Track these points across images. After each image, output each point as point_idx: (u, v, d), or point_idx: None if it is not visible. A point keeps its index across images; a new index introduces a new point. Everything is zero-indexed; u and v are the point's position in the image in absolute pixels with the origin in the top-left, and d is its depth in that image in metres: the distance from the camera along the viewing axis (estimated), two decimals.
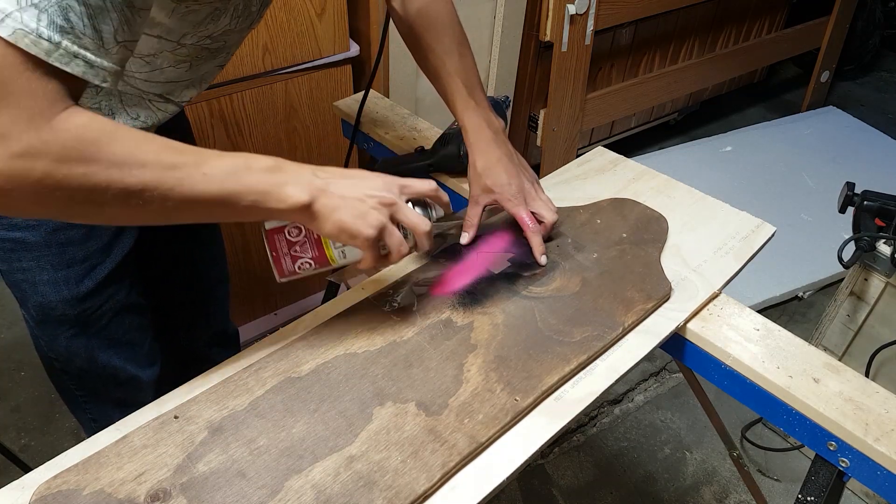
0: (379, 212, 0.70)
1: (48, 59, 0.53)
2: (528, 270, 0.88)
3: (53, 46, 0.53)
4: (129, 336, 1.00)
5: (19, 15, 0.51)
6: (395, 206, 0.71)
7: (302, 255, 0.76)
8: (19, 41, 0.51)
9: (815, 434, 0.77)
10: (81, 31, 0.54)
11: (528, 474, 1.62)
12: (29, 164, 0.54)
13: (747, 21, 2.69)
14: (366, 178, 0.71)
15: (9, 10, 0.51)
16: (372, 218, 0.69)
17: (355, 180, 0.70)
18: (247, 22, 0.82)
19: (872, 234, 1.36)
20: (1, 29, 0.51)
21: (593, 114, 2.28)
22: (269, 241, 0.76)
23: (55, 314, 0.92)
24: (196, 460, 0.64)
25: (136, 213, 0.61)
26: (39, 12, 0.52)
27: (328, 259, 0.77)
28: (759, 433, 1.74)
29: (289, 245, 0.75)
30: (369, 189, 0.70)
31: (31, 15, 0.51)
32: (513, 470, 0.67)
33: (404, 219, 0.72)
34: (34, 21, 0.51)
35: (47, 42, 0.52)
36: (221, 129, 1.52)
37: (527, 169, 0.95)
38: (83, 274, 0.91)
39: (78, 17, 0.53)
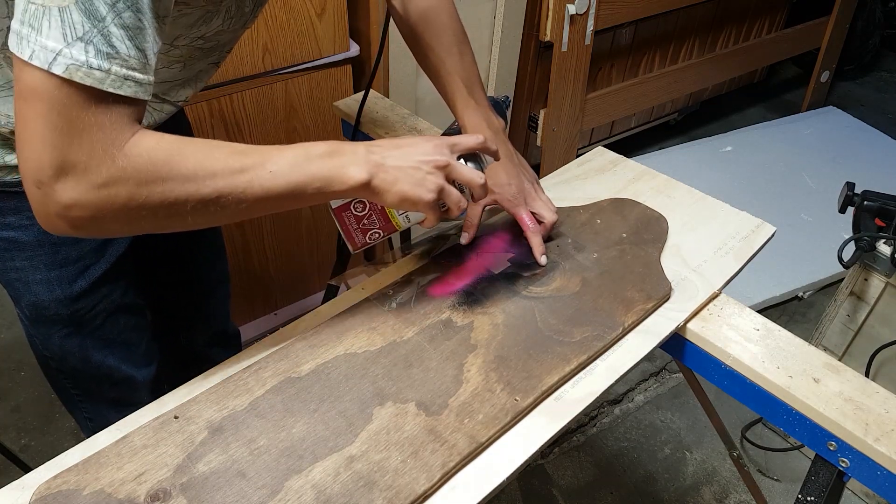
0: (435, 175, 0.73)
1: (102, 86, 0.56)
2: (528, 270, 0.89)
3: (105, 74, 0.56)
4: (124, 336, 1.00)
5: (69, 51, 0.54)
6: (448, 167, 0.74)
7: (370, 227, 0.82)
8: (73, 75, 0.54)
9: (815, 434, 0.77)
10: (126, 54, 0.57)
11: (528, 474, 1.62)
12: (113, 191, 0.59)
13: (747, 21, 2.69)
14: (417, 145, 0.74)
15: (58, 48, 0.54)
16: (429, 183, 0.72)
17: (407, 149, 0.73)
18: (240, 22, 0.82)
19: (872, 234, 1.36)
20: (55, 67, 0.54)
21: (593, 114, 2.28)
22: (339, 219, 0.82)
23: (48, 314, 0.92)
24: (196, 460, 0.65)
25: (217, 217, 0.66)
26: (86, 44, 0.54)
27: (395, 226, 0.83)
28: (759, 433, 1.74)
29: (357, 220, 0.82)
30: (422, 155, 0.73)
31: (78, 49, 0.54)
32: (513, 470, 0.67)
33: (459, 176, 0.75)
34: (83, 54, 0.54)
35: (98, 71, 0.55)
36: (221, 129, 1.52)
37: (527, 169, 0.95)
38: (76, 274, 0.91)
39: (120, 41, 0.56)
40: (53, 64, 0.54)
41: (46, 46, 0.54)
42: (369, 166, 0.70)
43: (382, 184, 0.71)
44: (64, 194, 0.58)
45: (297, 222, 1.79)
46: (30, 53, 0.54)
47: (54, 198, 0.58)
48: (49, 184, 0.57)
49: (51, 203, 0.58)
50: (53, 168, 0.57)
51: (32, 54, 0.54)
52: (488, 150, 0.80)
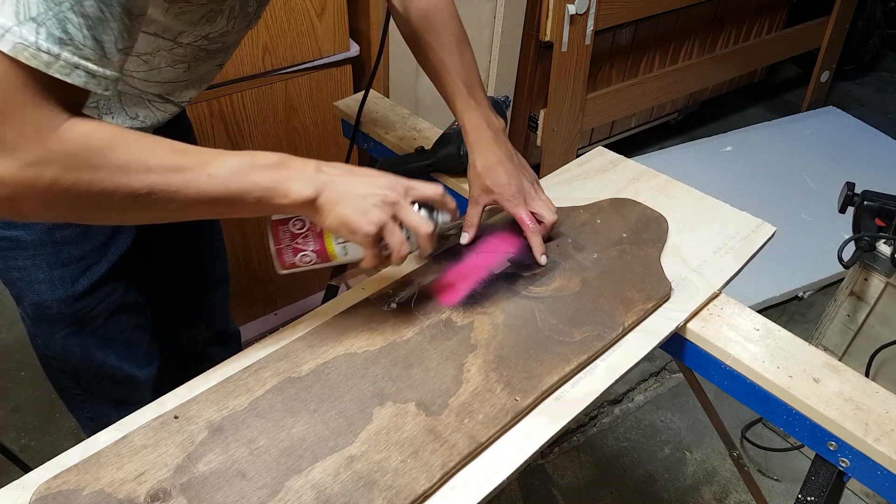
0: (381, 209, 0.70)
1: (48, 70, 0.54)
2: (528, 270, 0.88)
3: (53, 58, 0.54)
4: (125, 335, 1.00)
5: (18, 30, 0.52)
6: (397, 206, 0.72)
7: (304, 248, 0.77)
8: (19, 55, 0.53)
9: (815, 434, 0.77)
10: (81, 43, 0.55)
11: (528, 474, 1.62)
12: (37, 172, 0.56)
13: (747, 21, 2.69)
14: (371, 176, 0.72)
15: (8, 25, 0.52)
16: (373, 215, 0.70)
17: (361, 177, 0.71)
18: (244, 23, 0.82)
19: (872, 234, 1.36)
20: (1, 44, 0.52)
21: (593, 114, 2.28)
22: (273, 232, 0.77)
23: (50, 313, 0.92)
24: (196, 460, 0.64)
25: (142, 215, 0.63)
26: (38, 26, 0.53)
27: (329, 254, 0.77)
28: (759, 433, 1.74)
29: (292, 237, 0.77)
30: (374, 187, 0.71)
31: (29, 29, 0.53)
32: (513, 470, 0.67)
33: (406, 219, 0.72)
34: (33, 35, 0.53)
35: (46, 54, 0.53)
36: (221, 129, 1.52)
37: (527, 169, 0.95)
38: (79, 273, 0.91)
39: (76, 28, 0.54)
40: (1, 40, 0.52)
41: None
42: (316, 183, 0.68)
43: (326, 203, 0.69)
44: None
45: None
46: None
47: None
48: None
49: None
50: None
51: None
52: (445, 205, 0.78)
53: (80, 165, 0.57)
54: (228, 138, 1.54)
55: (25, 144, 0.55)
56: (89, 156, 0.58)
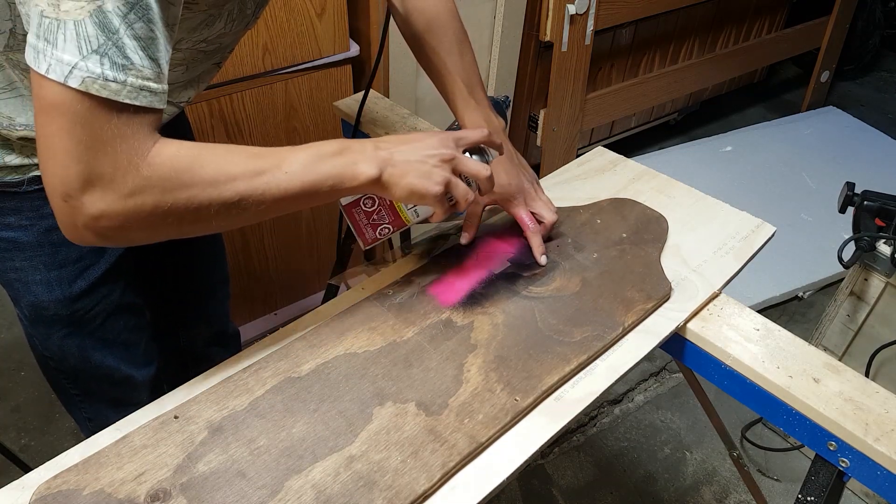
0: (441, 169, 0.74)
1: (118, 98, 0.56)
2: (528, 270, 0.88)
3: (121, 86, 0.56)
4: (123, 336, 1.00)
5: (84, 64, 0.55)
6: (454, 160, 0.76)
7: (380, 223, 0.84)
8: (89, 88, 0.55)
9: (815, 434, 0.77)
10: (141, 65, 0.57)
11: (528, 474, 1.62)
12: (139, 200, 0.60)
13: (747, 21, 2.69)
14: (423, 139, 0.76)
15: (74, 61, 0.54)
16: (436, 176, 0.74)
17: (414, 144, 0.75)
18: (242, 24, 0.82)
19: (872, 234, 1.36)
20: (70, 80, 0.55)
21: (593, 114, 2.28)
22: (349, 215, 0.84)
23: (48, 314, 0.92)
24: (196, 460, 0.65)
25: (238, 219, 0.67)
26: (101, 57, 0.55)
27: (404, 220, 0.84)
28: (759, 433, 1.74)
29: (367, 216, 0.83)
30: (428, 149, 0.74)
31: (94, 61, 0.55)
32: (513, 470, 0.67)
33: (465, 169, 0.77)
34: (98, 66, 0.55)
35: (114, 83, 0.56)
36: (221, 129, 1.52)
37: (527, 169, 0.95)
38: (76, 274, 0.91)
39: (134, 51, 0.57)
40: (69, 77, 0.54)
41: (62, 60, 0.54)
42: (378, 162, 0.72)
43: (391, 178, 0.73)
44: (92, 206, 0.59)
45: (297, 222, 1.79)
46: (46, 67, 0.55)
47: (82, 210, 0.59)
48: (76, 196, 0.58)
49: (79, 215, 0.59)
50: (80, 181, 0.58)
51: (49, 68, 0.55)
52: (493, 143, 0.81)
53: (174, 187, 0.61)
54: (228, 138, 1.54)
55: (122, 176, 0.58)
56: (180, 175, 0.61)
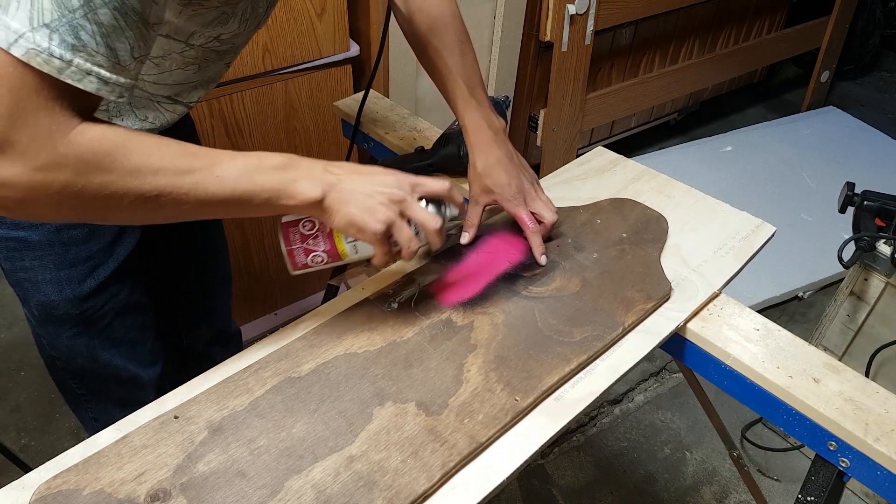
0: (388, 207, 0.71)
1: (60, 76, 0.54)
2: (528, 270, 0.88)
3: (65, 64, 0.54)
4: (130, 335, 1.00)
5: (31, 35, 0.53)
6: (404, 203, 0.72)
7: (315, 249, 0.79)
8: (31, 60, 0.53)
9: (815, 434, 0.77)
10: (94, 49, 0.55)
11: (528, 474, 1.62)
12: (49, 176, 0.57)
13: (747, 21, 2.69)
14: (378, 174, 0.73)
15: (21, 30, 0.53)
16: (380, 213, 0.70)
17: (367, 176, 0.72)
18: (254, 23, 0.82)
19: (872, 234, 1.36)
20: (14, 49, 0.53)
21: (593, 114, 2.28)
22: (284, 234, 0.78)
23: (57, 313, 0.92)
24: (196, 460, 0.65)
25: (152, 215, 0.64)
26: (51, 32, 0.53)
27: (339, 253, 0.79)
28: (759, 433, 1.74)
29: (302, 238, 0.78)
30: (381, 185, 0.71)
31: (42, 35, 0.53)
32: (513, 470, 0.67)
33: (414, 216, 0.73)
34: (46, 41, 0.53)
35: (59, 60, 0.54)
36: (221, 129, 1.52)
37: (527, 169, 0.95)
38: (86, 273, 0.91)
39: (90, 35, 0.55)
40: (14, 45, 0.53)
41: (9, 27, 0.52)
42: (323, 184, 0.69)
43: (333, 203, 0.70)
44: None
45: None
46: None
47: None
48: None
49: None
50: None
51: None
52: (453, 199, 0.78)
53: (90, 169, 0.58)
54: (228, 138, 1.54)
55: (37, 149, 0.56)
56: (99, 160, 0.58)
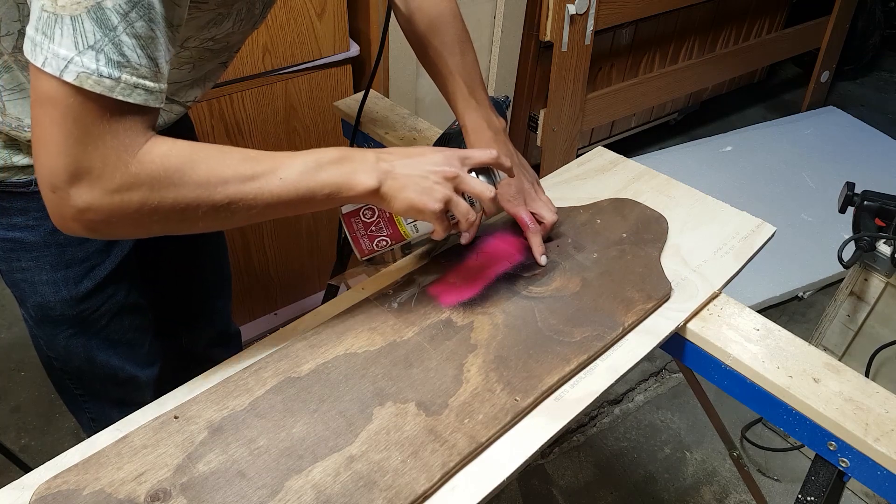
0: (443, 186, 0.73)
1: (112, 94, 0.56)
2: (528, 270, 0.88)
3: (114, 82, 0.57)
4: (128, 336, 1.00)
5: (80, 59, 0.55)
6: (458, 179, 0.75)
7: (378, 234, 0.82)
8: (84, 83, 0.55)
9: (815, 434, 0.77)
10: (137, 63, 0.58)
11: (528, 474, 1.62)
12: (126, 196, 0.60)
13: (747, 21, 2.69)
14: (427, 154, 0.75)
15: (69, 56, 0.55)
16: (437, 192, 0.73)
17: (418, 158, 0.74)
18: (250, 24, 0.82)
19: (872, 234, 1.36)
20: (66, 75, 0.55)
21: (593, 114, 2.28)
22: (347, 224, 0.82)
23: (54, 314, 0.92)
24: (196, 460, 0.65)
25: (227, 221, 0.67)
26: (97, 53, 0.55)
27: (402, 234, 0.82)
28: (759, 433, 1.74)
29: (365, 226, 0.82)
30: (432, 165, 0.74)
31: (89, 57, 0.55)
32: (513, 470, 0.67)
33: (468, 188, 0.76)
34: (93, 62, 0.55)
35: (108, 79, 0.56)
36: (221, 129, 1.52)
37: (527, 169, 0.95)
38: (82, 274, 0.91)
39: (131, 50, 0.57)
40: (65, 71, 0.55)
41: (58, 54, 0.55)
42: (378, 173, 0.72)
43: (390, 190, 0.72)
44: (79, 199, 0.59)
45: (297, 223, 1.79)
46: (42, 60, 0.55)
47: (69, 202, 0.59)
48: (64, 188, 0.58)
49: (66, 207, 0.60)
50: (68, 173, 0.58)
51: (45, 61, 0.55)
52: (501, 165, 0.80)
53: (162, 185, 0.61)
54: (228, 138, 1.54)
55: (110, 172, 0.59)
56: (169, 175, 0.61)
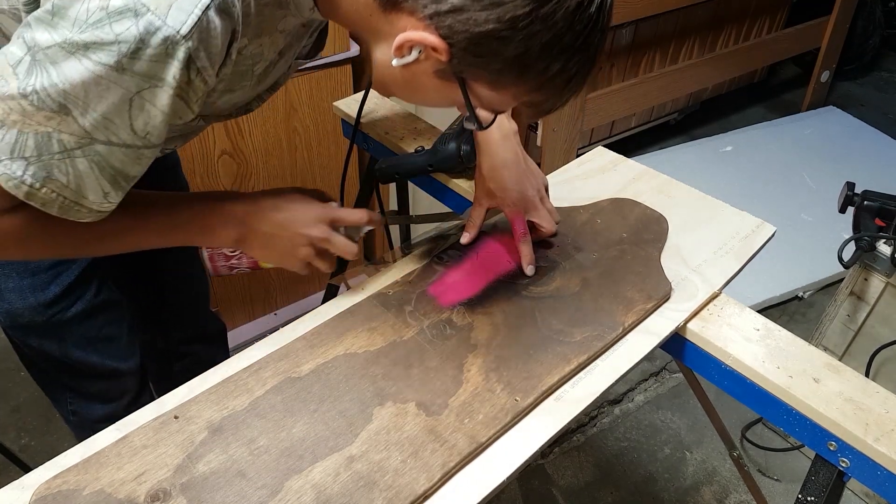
0: (307, 248, 0.78)
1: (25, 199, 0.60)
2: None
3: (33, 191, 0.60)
4: (104, 332, 1.00)
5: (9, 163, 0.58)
6: (325, 241, 0.79)
7: (238, 265, 0.86)
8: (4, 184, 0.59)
9: (815, 434, 0.77)
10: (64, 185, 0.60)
11: (528, 474, 1.62)
12: None
13: (747, 21, 2.69)
14: (297, 212, 0.77)
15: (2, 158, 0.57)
16: (299, 253, 0.78)
17: (286, 215, 0.77)
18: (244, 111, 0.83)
19: (872, 234, 1.36)
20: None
21: (593, 114, 2.28)
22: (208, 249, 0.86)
23: (23, 321, 0.93)
24: (196, 460, 0.65)
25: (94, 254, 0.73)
26: (27, 165, 0.58)
27: (262, 267, 0.87)
28: (759, 433, 1.74)
29: (226, 258, 0.86)
30: (300, 226, 0.77)
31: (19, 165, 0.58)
32: (513, 470, 0.67)
33: (333, 250, 0.80)
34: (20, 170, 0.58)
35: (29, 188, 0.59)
36: (221, 129, 1.52)
37: (535, 174, 0.93)
38: (49, 280, 0.92)
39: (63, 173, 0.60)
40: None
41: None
42: (240, 230, 0.75)
43: (253, 245, 0.77)
44: None
45: None
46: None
47: None
48: None
49: None
50: None
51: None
52: (372, 222, 0.83)
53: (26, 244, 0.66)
54: (228, 138, 1.53)
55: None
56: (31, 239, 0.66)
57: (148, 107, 0.58)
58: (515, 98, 0.65)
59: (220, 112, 0.75)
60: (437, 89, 0.66)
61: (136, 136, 0.60)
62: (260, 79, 0.73)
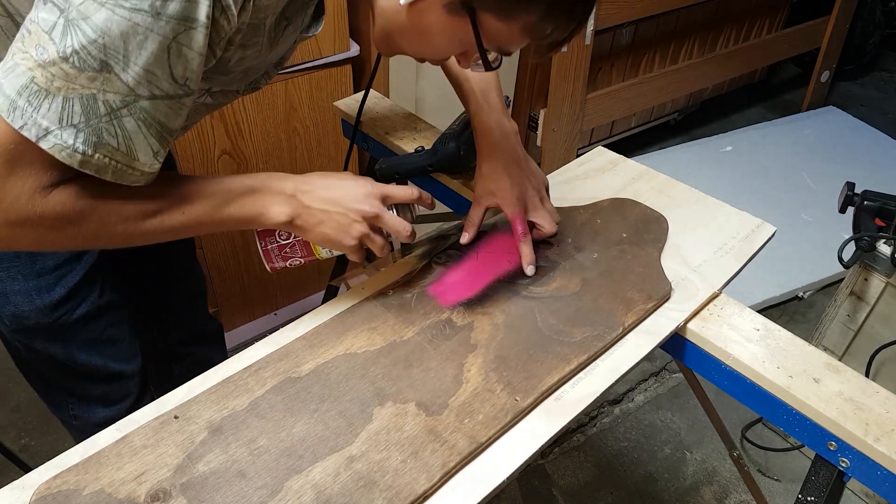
0: (360, 224, 0.75)
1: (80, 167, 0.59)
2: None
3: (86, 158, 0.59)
4: (107, 333, 1.00)
5: (60, 132, 0.57)
6: (376, 217, 0.76)
7: (292, 256, 0.82)
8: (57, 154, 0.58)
9: (815, 434, 0.77)
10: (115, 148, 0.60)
11: (528, 474, 1.62)
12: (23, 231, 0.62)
13: (747, 21, 2.69)
14: (348, 189, 0.76)
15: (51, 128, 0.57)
16: (353, 230, 0.75)
17: (338, 192, 0.75)
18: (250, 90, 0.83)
19: (872, 234, 1.36)
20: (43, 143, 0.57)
21: (593, 114, 2.28)
22: (261, 241, 0.82)
23: (29, 323, 0.93)
24: (196, 460, 0.65)
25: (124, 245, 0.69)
26: (77, 132, 0.57)
27: (316, 256, 0.83)
28: (759, 433, 1.74)
29: (280, 248, 0.82)
30: (351, 202, 0.75)
31: (69, 133, 0.57)
32: (513, 470, 0.67)
33: (386, 227, 0.78)
34: (72, 139, 0.58)
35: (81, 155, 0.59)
36: (221, 129, 1.52)
37: (535, 175, 0.93)
38: (54, 282, 0.91)
39: (112, 136, 0.59)
40: (42, 140, 0.57)
41: (40, 124, 0.56)
42: (293, 207, 0.73)
43: (305, 224, 0.75)
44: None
45: None
46: (21, 125, 0.56)
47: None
48: None
49: None
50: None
51: (24, 126, 0.56)
52: (422, 202, 0.82)
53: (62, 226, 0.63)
54: (228, 138, 1.53)
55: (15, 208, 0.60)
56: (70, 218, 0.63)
57: (185, 51, 0.58)
58: (524, 29, 0.65)
59: (231, 81, 0.75)
60: (445, 29, 0.66)
61: (177, 84, 0.60)
62: (271, 41, 0.73)
